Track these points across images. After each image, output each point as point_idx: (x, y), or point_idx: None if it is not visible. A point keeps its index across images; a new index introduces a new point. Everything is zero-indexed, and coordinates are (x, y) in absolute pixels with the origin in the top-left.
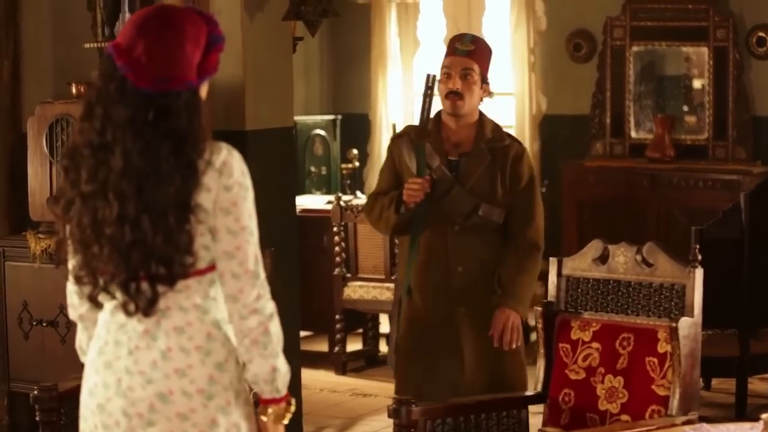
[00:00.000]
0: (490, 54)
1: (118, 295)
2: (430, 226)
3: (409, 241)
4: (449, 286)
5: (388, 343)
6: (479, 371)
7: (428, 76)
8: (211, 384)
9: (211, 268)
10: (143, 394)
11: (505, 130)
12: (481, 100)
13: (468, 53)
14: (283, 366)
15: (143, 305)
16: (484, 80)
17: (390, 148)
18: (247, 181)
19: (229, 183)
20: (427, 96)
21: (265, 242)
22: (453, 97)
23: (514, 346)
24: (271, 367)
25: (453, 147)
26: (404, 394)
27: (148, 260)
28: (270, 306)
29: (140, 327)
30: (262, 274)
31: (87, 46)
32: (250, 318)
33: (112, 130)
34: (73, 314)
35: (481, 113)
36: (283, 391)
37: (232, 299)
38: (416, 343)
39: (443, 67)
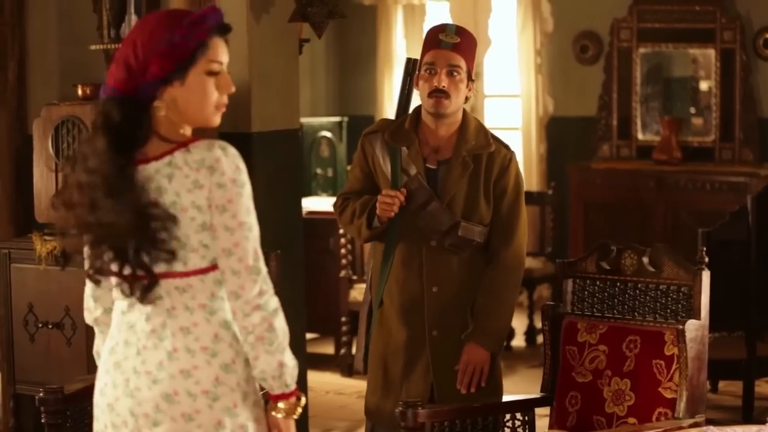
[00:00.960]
0: (476, 47)
1: (120, 285)
2: (404, 240)
3: (383, 253)
4: (422, 307)
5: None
6: (451, 397)
7: (409, 60)
8: (216, 385)
9: (215, 266)
10: (149, 395)
11: (491, 131)
12: (466, 99)
13: (454, 47)
14: (290, 361)
15: (139, 293)
16: (470, 77)
17: (362, 145)
18: (243, 177)
19: (221, 180)
20: (407, 84)
21: (271, 245)
22: (438, 95)
23: (473, 390)
24: (278, 363)
25: (432, 152)
26: (371, 410)
27: (137, 251)
28: (273, 301)
29: (148, 327)
30: (264, 270)
31: (93, 47)
32: (253, 314)
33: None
34: (88, 318)
35: (465, 113)
36: (292, 386)
37: (234, 296)
38: (386, 359)
39: (425, 63)
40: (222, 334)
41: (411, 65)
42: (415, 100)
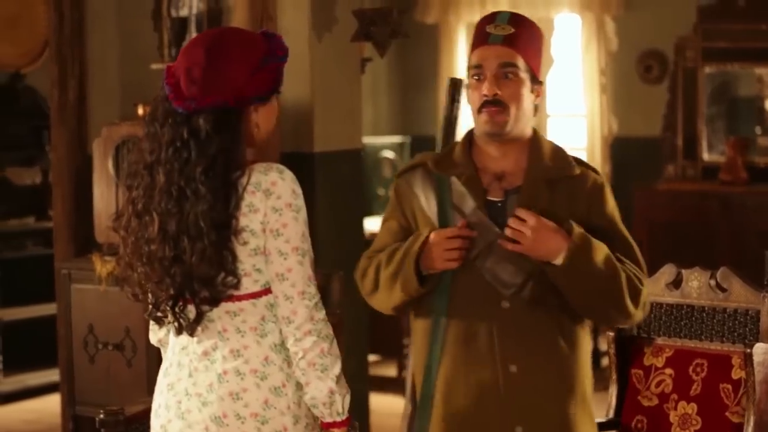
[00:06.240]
0: (540, 39)
1: (169, 314)
2: (462, 304)
3: (431, 327)
4: (498, 395)
5: None
6: None
7: (450, 81)
8: (266, 408)
9: (267, 290)
10: (199, 417)
11: (572, 153)
12: (535, 110)
13: (506, 40)
14: (342, 388)
15: (186, 325)
16: (535, 79)
17: (395, 189)
18: (299, 202)
19: (277, 205)
20: (451, 112)
21: (333, 265)
22: (491, 108)
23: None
24: (329, 390)
25: (494, 180)
26: None
27: (190, 279)
28: (326, 327)
29: (199, 349)
30: (317, 296)
31: (153, 66)
32: (305, 339)
33: (158, 149)
34: (152, 338)
35: (534, 130)
36: (345, 415)
37: (287, 321)
38: None
39: (471, 66)
40: (272, 357)
41: (453, 87)
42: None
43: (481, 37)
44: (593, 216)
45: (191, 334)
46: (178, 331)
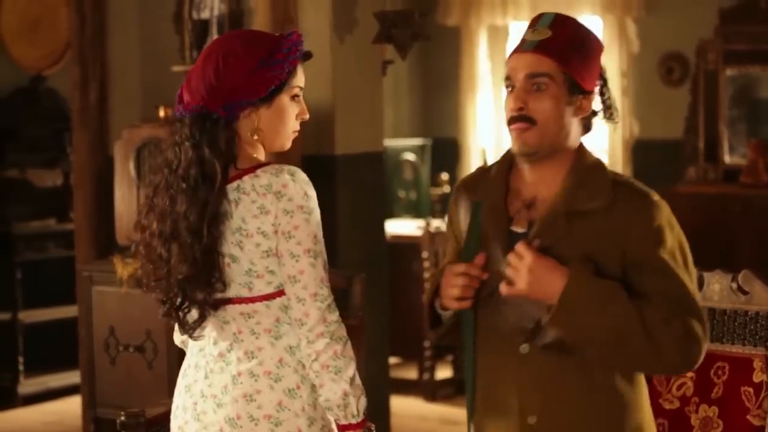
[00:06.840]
0: (590, 42)
1: (173, 313)
2: (484, 347)
3: (464, 363)
4: None
5: None
6: None
7: None
8: (279, 410)
9: (281, 292)
10: (214, 418)
11: (626, 177)
12: (585, 127)
13: (539, 46)
14: (356, 390)
15: (188, 326)
16: (578, 89)
17: (449, 206)
18: (311, 204)
19: (289, 207)
20: None
21: (355, 268)
22: (518, 125)
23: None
24: (342, 392)
25: (523, 208)
26: None
27: (186, 281)
28: (338, 329)
29: (216, 350)
30: (329, 298)
31: (174, 69)
32: (318, 342)
33: (166, 150)
34: (176, 339)
35: (581, 149)
36: (360, 417)
37: (299, 323)
38: None
39: (505, 77)
40: (287, 359)
41: None
42: None
43: (517, 44)
44: (630, 247)
45: (191, 336)
46: (182, 331)
